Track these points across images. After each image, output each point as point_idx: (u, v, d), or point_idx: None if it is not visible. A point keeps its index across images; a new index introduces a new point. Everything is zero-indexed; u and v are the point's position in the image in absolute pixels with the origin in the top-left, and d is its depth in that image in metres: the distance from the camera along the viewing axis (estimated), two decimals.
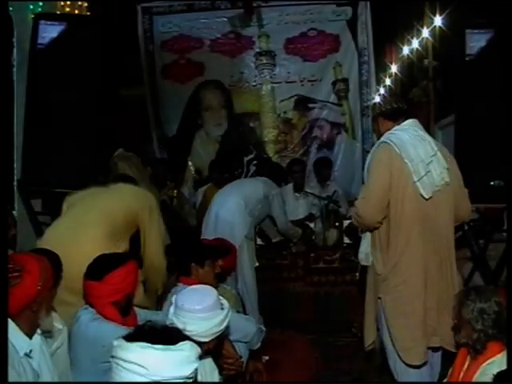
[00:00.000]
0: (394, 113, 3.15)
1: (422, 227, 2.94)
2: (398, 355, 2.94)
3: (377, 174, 3.01)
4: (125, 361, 1.65)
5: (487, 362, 2.42)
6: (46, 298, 2.28)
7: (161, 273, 3.46)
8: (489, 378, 2.33)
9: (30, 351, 2.22)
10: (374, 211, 2.98)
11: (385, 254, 3.01)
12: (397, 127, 3.09)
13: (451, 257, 3.02)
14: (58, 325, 2.60)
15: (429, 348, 2.96)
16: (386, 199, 2.94)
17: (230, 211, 4.92)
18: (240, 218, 4.89)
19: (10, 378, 2.06)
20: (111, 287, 2.66)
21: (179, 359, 1.69)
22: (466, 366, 2.54)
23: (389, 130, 3.10)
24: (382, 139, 3.07)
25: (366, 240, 3.12)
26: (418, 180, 2.92)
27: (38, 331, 2.28)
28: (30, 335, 2.24)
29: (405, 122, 3.11)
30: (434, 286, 2.94)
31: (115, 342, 1.71)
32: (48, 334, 2.37)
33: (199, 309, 2.33)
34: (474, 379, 2.43)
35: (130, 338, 1.72)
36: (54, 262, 2.48)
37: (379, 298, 3.02)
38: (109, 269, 2.68)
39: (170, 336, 1.75)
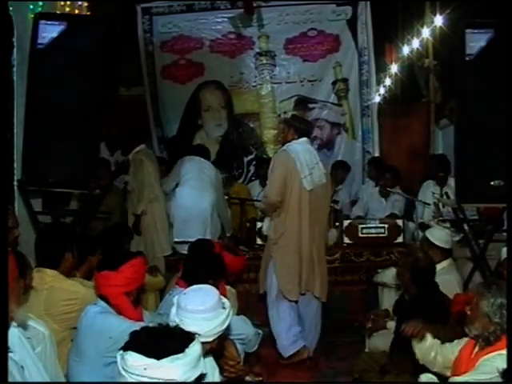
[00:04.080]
0: (300, 130, 4.57)
1: (303, 208, 4.43)
2: (282, 293, 4.46)
3: (277, 170, 4.49)
4: (157, 378, 1.72)
5: (495, 352, 2.45)
6: (14, 289, 2.24)
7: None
8: (490, 365, 2.37)
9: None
10: (275, 193, 4.46)
11: (276, 225, 4.50)
12: (295, 141, 4.52)
13: (323, 229, 4.68)
14: (41, 328, 2.58)
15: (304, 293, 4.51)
16: (282, 186, 4.42)
17: (218, 207, 5.50)
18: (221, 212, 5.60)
19: None
20: (126, 276, 2.77)
21: (197, 359, 1.81)
22: (472, 356, 2.56)
23: (291, 139, 4.53)
24: (283, 148, 4.60)
25: (267, 219, 4.69)
26: (304, 177, 4.41)
27: (14, 324, 2.26)
28: None
29: (301, 139, 4.53)
30: (307, 248, 4.47)
31: (139, 362, 1.73)
32: (23, 326, 2.35)
33: (202, 309, 2.34)
34: (477, 364, 2.45)
35: (145, 350, 1.76)
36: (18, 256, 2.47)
37: (271, 255, 4.52)
38: (124, 260, 2.81)
39: (182, 339, 1.84)
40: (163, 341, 1.80)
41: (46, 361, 2.48)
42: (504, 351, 2.42)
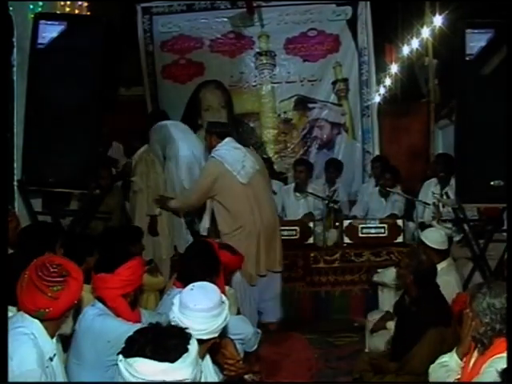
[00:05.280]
0: (220, 133, 4.86)
1: (248, 201, 4.71)
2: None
3: (204, 177, 4.81)
4: (173, 382, 1.73)
5: (495, 356, 2.40)
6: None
7: None
8: (493, 370, 2.33)
9: (54, 355, 2.25)
10: (198, 199, 4.85)
11: (228, 221, 4.72)
12: (219, 144, 4.79)
13: (271, 205, 4.98)
14: None
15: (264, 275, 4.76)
16: (204, 194, 4.78)
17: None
18: None
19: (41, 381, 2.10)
20: (123, 279, 2.76)
21: (197, 353, 1.85)
22: (472, 362, 2.53)
23: (216, 144, 4.80)
24: (211, 155, 4.82)
25: (206, 218, 5.00)
26: (237, 173, 4.68)
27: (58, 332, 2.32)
28: (52, 337, 2.27)
29: (224, 140, 4.81)
30: (263, 229, 4.72)
31: (153, 368, 1.73)
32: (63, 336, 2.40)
33: (212, 307, 2.35)
34: (481, 372, 2.42)
35: (154, 354, 1.74)
36: None
37: None
38: (120, 262, 2.78)
39: (182, 336, 1.85)
40: (167, 342, 1.78)
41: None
42: (500, 355, 2.38)
